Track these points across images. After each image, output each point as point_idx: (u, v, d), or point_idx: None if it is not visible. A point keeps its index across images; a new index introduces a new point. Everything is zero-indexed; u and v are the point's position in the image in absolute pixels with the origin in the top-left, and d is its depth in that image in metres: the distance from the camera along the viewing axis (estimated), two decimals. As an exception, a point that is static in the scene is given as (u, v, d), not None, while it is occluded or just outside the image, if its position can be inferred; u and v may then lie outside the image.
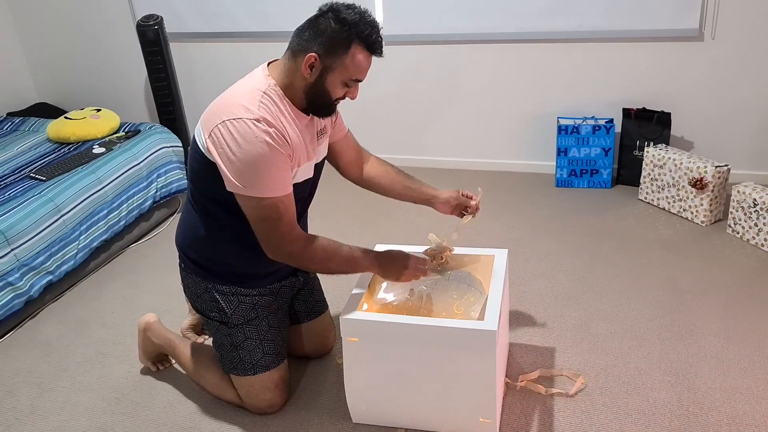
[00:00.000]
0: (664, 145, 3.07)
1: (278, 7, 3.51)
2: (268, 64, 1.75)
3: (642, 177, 3.09)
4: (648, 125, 3.15)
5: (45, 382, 2.20)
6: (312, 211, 2.06)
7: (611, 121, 3.20)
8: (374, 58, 1.68)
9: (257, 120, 1.59)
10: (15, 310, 2.44)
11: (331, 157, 2.01)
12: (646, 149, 3.04)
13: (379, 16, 3.40)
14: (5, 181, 2.80)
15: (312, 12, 1.75)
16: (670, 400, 1.90)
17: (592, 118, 3.26)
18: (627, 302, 2.37)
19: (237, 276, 1.87)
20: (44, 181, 2.75)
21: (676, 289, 2.43)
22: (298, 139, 1.71)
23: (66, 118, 3.28)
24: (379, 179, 2.09)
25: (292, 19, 3.50)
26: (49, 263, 2.56)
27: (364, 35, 1.62)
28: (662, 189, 3.00)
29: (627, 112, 3.21)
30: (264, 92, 1.66)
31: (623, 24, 3.06)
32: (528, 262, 2.67)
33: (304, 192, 1.87)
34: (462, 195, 2.05)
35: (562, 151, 3.27)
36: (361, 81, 1.70)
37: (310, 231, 1.95)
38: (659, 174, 2.99)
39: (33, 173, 2.83)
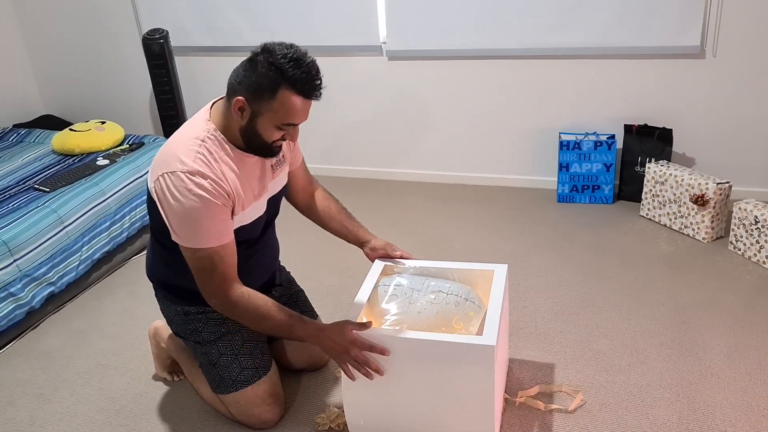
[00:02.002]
0: (666, 161, 3.07)
1: (282, 21, 3.54)
2: (213, 104, 1.75)
3: (643, 193, 3.09)
4: (649, 141, 3.16)
5: (45, 393, 2.20)
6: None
7: (613, 137, 3.21)
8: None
9: (191, 173, 1.61)
10: (16, 320, 2.45)
11: None
12: (647, 165, 3.05)
13: (382, 32, 3.43)
14: (9, 192, 2.82)
15: (316, 25, 1.75)
16: (669, 417, 1.89)
17: (594, 133, 3.27)
18: (627, 318, 2.37)
19: (200, 297, 1.88)
20: (48, 192, 2.76)
21: (677, 306, 2.42)
22: (242, 183, 1.72)
23: (71, 130, 3.31)
24: (320, 212, 2.11)
25: (295, 34, 3.56)
26: (51, 274, 2.57)
27: (293, 79, 1.57)
28: (663, 205, 3.00)
29: (628, 128, 3.21)
30: (202, 140, 1.67)
31: (625, 41, 3.08)
32: (529, 277, 2.67)
33: (256, 231, 1.87)
34: (390, 246, 2.07)
35: (563, 167, 3.28)
36: (296, 125, 1.67)
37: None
38: (660, 190, 3.00)
39: (37, 184, 2.85)
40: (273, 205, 1.92)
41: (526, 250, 2.89)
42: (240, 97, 1.61)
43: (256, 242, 1.91)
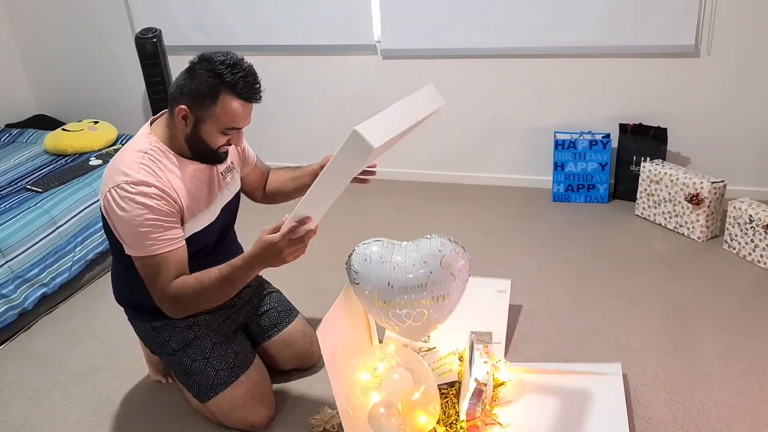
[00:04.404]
0: (661, 160, 3.07)
1: (276, 20, 3.52)
2: (151, 123, 1.77)
3: (638, 192, 3.09)
4: (644, 140, 3.16)
5: (37, 395, 2.18)
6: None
7: (608, 136, 3.21)
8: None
9: (135, 183, 1.63)
10: (9, 322, 2.43)
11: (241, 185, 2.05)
12: (642, 164, 3.05)
13: (376, 31, 3.42)
14: (1, 192, 2.80)
15: (310, 24, 1.76)
16: (665, 417, 1.89)
17: (589, 133, 3.27)
18: (622, 318, 2.37)
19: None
20: (40, 192, 2.74)
21: (672, 305, 2.42)
22: (190, 191, 1.74)
23: (64, 130, 3.29)
24: (275, 188, 2.13)
25: (289, 33, 3.54)
26: (43, 275, 2.55)
27: (233, 84, 1.61)
28: (659, 204, 3.00)
29: (624, 128, 3.21)
30: (145, 152, 1.69)
31: (620, 40, 3.08)
32: (523, 277, 2.67)
33: (209, 238, 1.87)
34: None
35: (558, 166, 3.28)
36: (239, 128, 1.70)
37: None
38: (656, 189, 3.00)
39: (29, 185, 2.83)
40: (227, 212, 1.93)
41: (521, 250, 2.89)
42: (182, 106, 1.64)
43: (213, 250, 1.91)
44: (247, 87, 1.64)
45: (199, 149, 1.72)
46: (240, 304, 2.06)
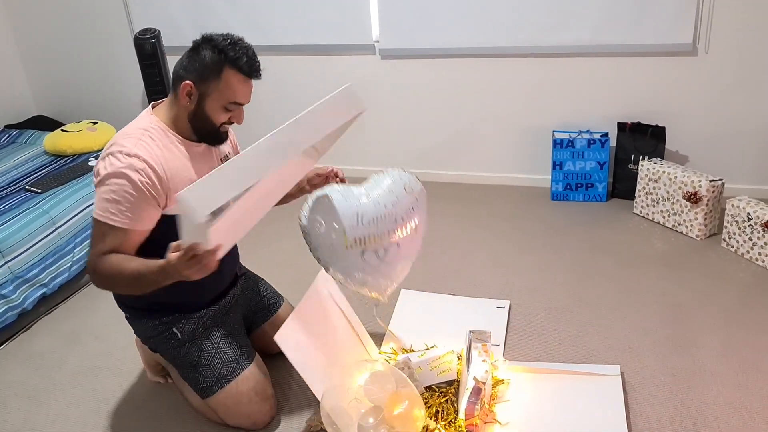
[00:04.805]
0: (659, 159, 3.08)
1: (275, 20, 3.53)
2: (153, 107, 1.82)
3: (637, 191, 3.10)
4: (643, 139, 3.16)
5: (37, 395, 2.19)
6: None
7: (606, 134, 3.21)
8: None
9: (128, 154, 1.66)
10: (8, 322, 2.44)
11: None
12: (640, 163, 3.05)
13: (374, 31, 3.42)
14: (1, 193, 2.80)
15: (309, 24, 1.78)
16: (663, 415, 1.90)
17: (587, 131, 3.28)
18: (621, 316, 2.37)
19: (173, 306, 1.91)
20: (40, 193, 2.75)
21: (671, 304, 2.43)
22: (187, 171, 1.77)
23: (63, 130, 3.29)
24: None
25: (288, 33, 3.55)
26: (43, 276, 2.56)
27: (235, 59, 1.69)
28: (657, 203, 3.01)
29: (622, 126, 3.22)
30: (145, 129, 1.74)
31: (618, 38, 3.08)
32: (522, 276, 2.67)
33: None
34: (320, 168, 2.11)
35: (557, 165, 3.28)
36: (241, 104, 1.76)
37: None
38: (654, 188, 3.00)
39: (29, 186, 2.83)
40: None
41: (519, 249, 2.89)
42: (187, 82, 1.71)
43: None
44: (249, 62, 1.71)
45: (202, 126, 1.77)
46: (237, 293, 2.10)
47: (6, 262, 2.42)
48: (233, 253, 2.09)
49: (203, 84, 1.71)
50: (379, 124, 3.67)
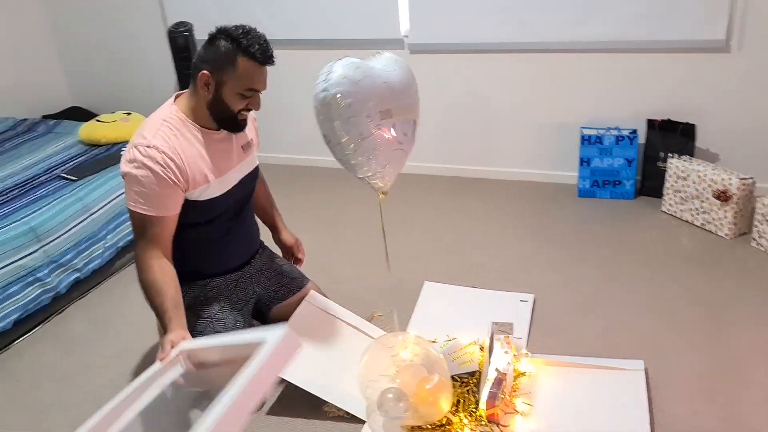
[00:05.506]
0: (689, 156, 3.04)
1: (304, 14, 3.56)
2: (176, 98, 1.91)
3: (665, 188, 3.07)
4: (672, 136, 3.12)
5: (69, 377, 2.25)
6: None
7: (635, 131, 3.18)
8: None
9: (148, 146, 1.77)
10: (43, 305, 2.51)
11: None
12: (669, 160, 3.02)
13: (404, 26, 3.44)
14: (38, 180, 2.89)
15: (337, 18, 1.81)
16: (687, 412, 1.89)
17: (616, 128, 3.25)
18: (647, 314, 2.36)
19: (182, 274, 1.92)
20: (75, 180, 2.82)
21: (699, 303, 2.40)
22: (204, 159, 1.86)
23: (98, 121, 3.37)
24: (257, 198, 2.25)
25: (317, 27, 3.58)
26: (76, 260, 2.63)
27: (248, 47, 1.76)
28: (686, 201, 2.97)
29: (651, 123, 3.19)
30: (164, 119, 1.84)
31: (648, 34, 3.05)
32: (547, 271, 2.67)
33: (223, 206, 1.96)
34: (298, 247, 2.34)
35: (585, 162, 3.26)
36: (258, 91, 1.84)
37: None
38: (683, 186, 2.97)
39: (64, 173, 2.91)
40: (242, 186, 2.02)
41: (545, 245, 2.89)
42: (204, 71, 1.79)
43: (230, 220, 2.01)
44: (262, 50, 1.78)
45: (220, 114, 1.85)
46: (251, 272, 2.14)
47: (42, 246, 2.49)
48: (247, 235, 2.15)
49: (219, 73, 1.78)
50: (406, 119, 3.68)
